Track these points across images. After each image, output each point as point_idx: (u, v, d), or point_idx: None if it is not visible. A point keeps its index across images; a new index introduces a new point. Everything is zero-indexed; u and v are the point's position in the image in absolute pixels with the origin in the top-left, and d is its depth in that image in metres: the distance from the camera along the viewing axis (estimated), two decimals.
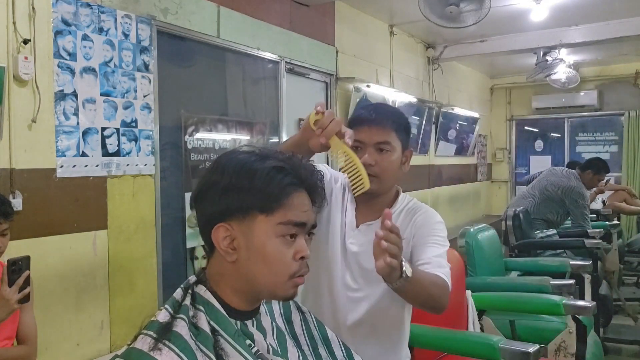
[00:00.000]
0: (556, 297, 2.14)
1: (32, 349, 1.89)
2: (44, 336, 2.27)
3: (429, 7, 3.37)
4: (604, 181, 5.30)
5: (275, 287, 0.91)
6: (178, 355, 0.79)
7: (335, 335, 1.12)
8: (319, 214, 1.21)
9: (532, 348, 1.56)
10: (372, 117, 1.48)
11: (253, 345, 0.89)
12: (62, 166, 2.34)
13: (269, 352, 0.91)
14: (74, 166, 2.39)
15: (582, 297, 2.73)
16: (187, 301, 0.88)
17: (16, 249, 2.15)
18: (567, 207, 4.07)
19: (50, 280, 2.30)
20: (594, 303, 2.06)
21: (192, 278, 0.94)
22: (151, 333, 0.82)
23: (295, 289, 0.93)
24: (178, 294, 0.91)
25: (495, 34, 5.56)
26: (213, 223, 0.90)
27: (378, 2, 4.55)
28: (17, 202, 2.16)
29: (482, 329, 2.24)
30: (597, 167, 4.31)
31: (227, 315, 0.88)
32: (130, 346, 0.82)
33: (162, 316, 0.85)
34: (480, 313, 2.25)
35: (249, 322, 0.92)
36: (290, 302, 1.09)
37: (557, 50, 5.59)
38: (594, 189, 5.23)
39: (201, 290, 0.90)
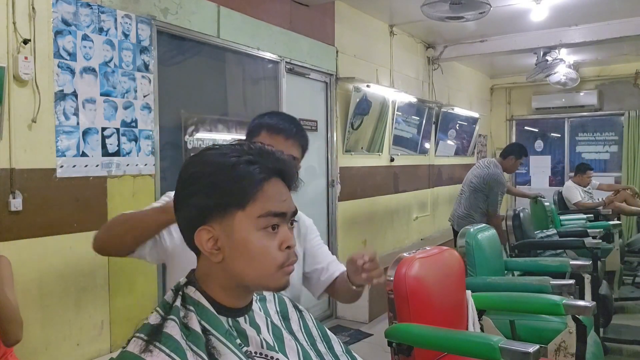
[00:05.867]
0: (556, 297, 2.13)
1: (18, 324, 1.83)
2: (44, 336, 2.27)
3: None
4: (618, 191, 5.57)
5: (264, 280, 0.90)
6: (169, 356, 0.80)
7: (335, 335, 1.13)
8: None
9: (532, 348, 1.56)
10: (292, 130, 1.47)
11: (243, 345, 0.89)
12: (62, 166, 2.34)
13: (263, 347, 0.91)
14: (74, 166, 2.39)
15: (582, 297, 2.73)
16: (178, 302, 0.88)
17: (16, 248, 2.16)
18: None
19: (50, 280, 2.30)
20: (594, 303, 2.06)
21: (183, 280, 0.95)
22: (142, 335, 0.83)
23: (287, 277, 0.92)
24: (169, 296, 0.91)
25: (495, 34, 5.56)
26: (194, 227, 0.90)
27: (378, 2, 4.55)
28: (17, 202, 2.16)
29: (482, 329, 2.24)
30: (518, 152, 4.47)
31: (217, 315, 0.89)
32: (123, 349, 0.83)
33: (153, 318, 0.86)
34: (480, 313, 2.25)
35: (241, 319, 0.93)
36: (287, 300, 1.09)
37: (557, 50, 5.59)
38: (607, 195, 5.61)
39: (191, 291, 0.91)
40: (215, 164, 0.90)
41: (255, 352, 0.90)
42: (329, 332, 1.12)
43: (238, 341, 0.88)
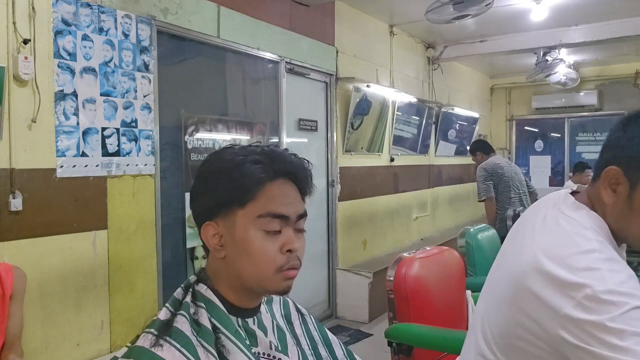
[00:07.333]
0: None
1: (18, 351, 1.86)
2: (44, 336, 2.28)
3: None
4: None
5: (262, 281, 0.89)
6: (179, 351, 0.80)
7: (336, 337, 1.12)
8: None
9: None
10: None
11: (251, 345, 0.89)
12: (62, 166, 2.34)
13: (271, 348, 0.92)
14: (74, 166, 2.39)
15: None
16: (188, 299, 0.89)
17: (16, 249, 2.16)
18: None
19: (50, 280, 2.30)
20: None
21: (193, 277, 0.95)
22: (152, 330, 0.83)
23: (288, 282, 0.90)
24: (178, 293, 0.92)
25: (495, 34, 5.56)
26: (203, 222, 0.91)
27: (378, 2, 4.55)
28: (17, 202, 2.16)
29: None
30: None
31: (227, 313, 0.89)
32: (132, 345, 0.83)
33: (163, 314, 0.86)
34: None
35: (249, 320, 0.93)
36: (290, 302, 1.09)
37: (557, 50, 5.59)
38: None
39: (202, 288, 0.91)
40: (224, 161, 0.91)
41: (263, 354, 0.90)
42: (329, 334, 1.11)
43: (247, 341, 0.88)
